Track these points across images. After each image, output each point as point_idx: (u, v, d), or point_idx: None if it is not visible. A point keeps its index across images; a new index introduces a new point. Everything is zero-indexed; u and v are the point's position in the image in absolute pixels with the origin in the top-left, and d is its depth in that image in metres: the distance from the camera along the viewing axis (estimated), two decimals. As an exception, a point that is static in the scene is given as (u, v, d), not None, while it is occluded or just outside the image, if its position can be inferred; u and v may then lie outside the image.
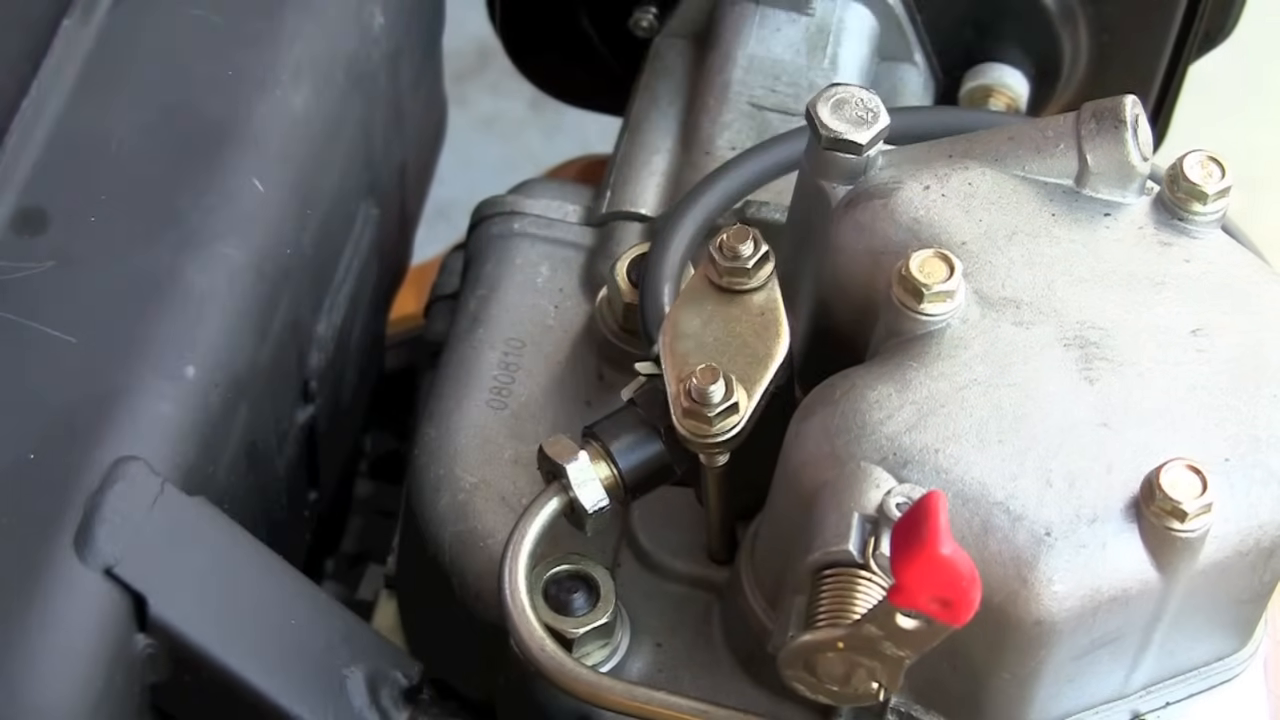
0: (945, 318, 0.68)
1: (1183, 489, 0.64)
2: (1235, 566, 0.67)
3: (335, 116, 0.85)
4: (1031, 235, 0.71)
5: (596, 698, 0.69)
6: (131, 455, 0.69)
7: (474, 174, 0.82)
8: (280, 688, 0.69)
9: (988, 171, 0.72)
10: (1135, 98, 0.73)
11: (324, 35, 0.85)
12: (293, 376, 0.84)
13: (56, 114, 0.78)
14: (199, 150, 0.79)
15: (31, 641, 0.65)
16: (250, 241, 0.78)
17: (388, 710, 0.72)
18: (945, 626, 0.60)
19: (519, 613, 0.69)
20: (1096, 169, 0.72)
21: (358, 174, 0.89)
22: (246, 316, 0.78)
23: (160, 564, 0.68)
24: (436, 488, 0.79)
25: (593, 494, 0.70)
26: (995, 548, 0.64)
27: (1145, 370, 0.68)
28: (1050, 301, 0.69)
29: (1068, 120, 0.73)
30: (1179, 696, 0.71)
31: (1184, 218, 0.72)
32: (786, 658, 0.64)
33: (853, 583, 0.63)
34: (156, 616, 0.68)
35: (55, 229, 0.75)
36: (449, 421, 0.81)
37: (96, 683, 0.66)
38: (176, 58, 0.81)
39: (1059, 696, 0.68)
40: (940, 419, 0.66)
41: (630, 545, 0.75)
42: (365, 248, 0.90)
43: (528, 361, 0.82)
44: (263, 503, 0.82)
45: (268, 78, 0.82)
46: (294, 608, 0.72)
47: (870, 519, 0.64)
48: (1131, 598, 0.65)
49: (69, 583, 0.66)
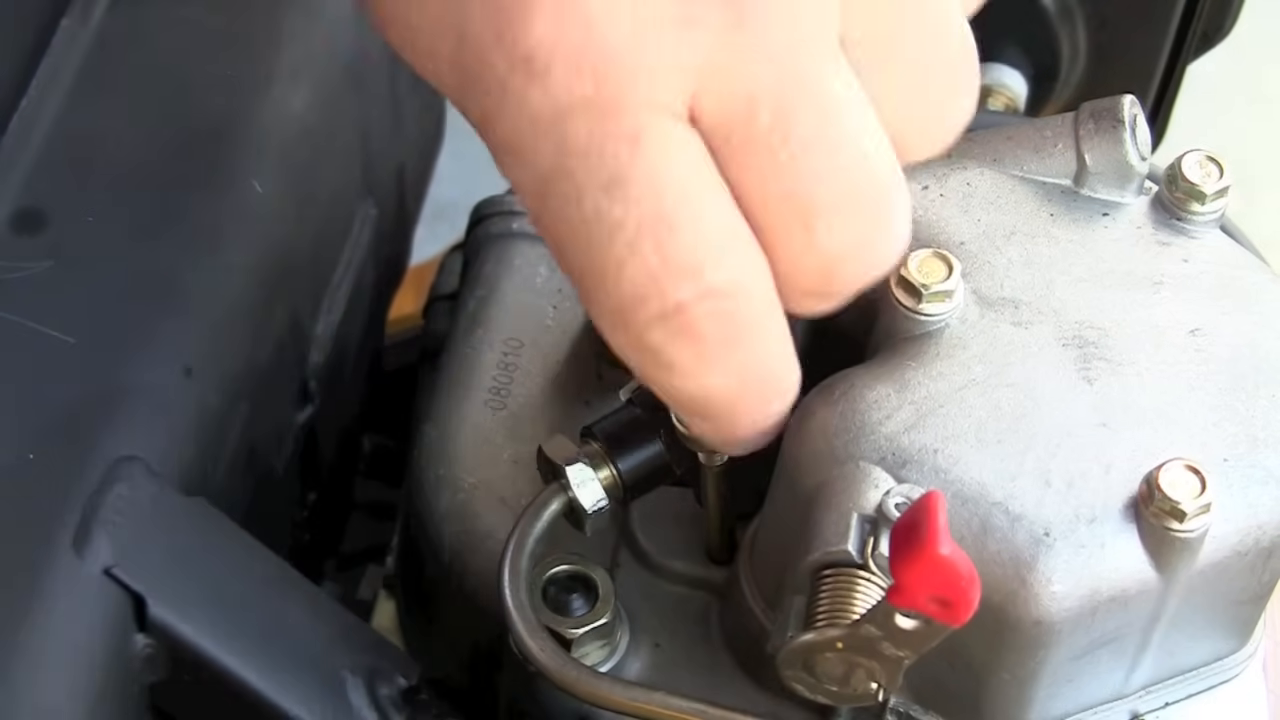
0: (944, 317, 0.68)
1: (1181, 489, 0.64)
2: (1234, 567, 0.67)
3: (334, 117, 0.85)
4: (1030, 235, 0.71)
5: (595, 698, 0.69)
6: (131, 455, 0.70)
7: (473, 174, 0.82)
8: (279, 688, 0.69)
9: (986, 171, 0.72)
10: (1134, 97, 0.73)
11: (323, 35, 0.85)
12: (291, 376, 0.84)
13: (55, 114, 0.78)
14: (197, 150, 0.79)
15: (30, 641, 0.65)
16: (248, 241, 0.78)
17: (386, 710, 0.72)
18: (944, 627, 0.60)
19: (518, 613, 0.69)
20: (1095, 169, 0.72)
21: (356, 174, 0.89)
22: (245, 317, 0.78)
23: (159, 564, 0.68)
24: (436, 488, 0.79)
25: (592, 494, 0.70)
26: (994, 548, 0.64)
27: (1144, 370, 0.68)
28: (1049, 301, 0.69)
29: (1066, 120, 0.73)
30: (1178, 696, 0.71)
31: (1182, 217, 0.72)
32: (785, 658, 0.64)
33: (851, 583, 0.64)
34: (155, 616, 0.68)
35: (53, 229, 0.75)
36: (448, 422, 0.81)
37: (95, 682, 0.66)
38: (175, 58, 0.81)
39: (1058, 696, 0.68)
40: (939, 419, 0.66)
41: (629, 545, 0.75)
42: (364, 248, 0.90)
43: (526, 362, 0.82)
44: (262, 503, 0.82)
45: (266, 78, 0.82)
46: (293, 608, 0.72)
47: (869, 519, 0.64)
48: (1130, 598, 0.65)
49: (68, 582, 0.66)
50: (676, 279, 0.57)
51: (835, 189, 0.58)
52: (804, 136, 0.57)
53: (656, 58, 0.56)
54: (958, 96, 0.61)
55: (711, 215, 0.58)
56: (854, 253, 0.59)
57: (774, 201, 0.58)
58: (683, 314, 0.58)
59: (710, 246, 0.58)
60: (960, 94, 0.61)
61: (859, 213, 0.58)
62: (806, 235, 0.58)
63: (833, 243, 0.58)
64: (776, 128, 0.57)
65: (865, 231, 0.59)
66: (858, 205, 0.58)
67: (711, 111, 0.57)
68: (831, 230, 0.58)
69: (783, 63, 0.57)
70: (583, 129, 0.56)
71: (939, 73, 0.61)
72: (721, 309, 0.58)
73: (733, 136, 0.57)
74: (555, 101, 0.56)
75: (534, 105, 0.57)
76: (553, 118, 0.57)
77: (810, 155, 0.57)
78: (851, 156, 0.58)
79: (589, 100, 0.56)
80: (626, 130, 0.56)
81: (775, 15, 0.56)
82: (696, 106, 0.57)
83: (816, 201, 0.58)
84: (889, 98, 0.59)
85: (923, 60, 0.60)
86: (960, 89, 0.61)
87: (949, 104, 0.61)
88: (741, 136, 0.57)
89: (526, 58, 0.56)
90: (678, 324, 0.58)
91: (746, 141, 0.57)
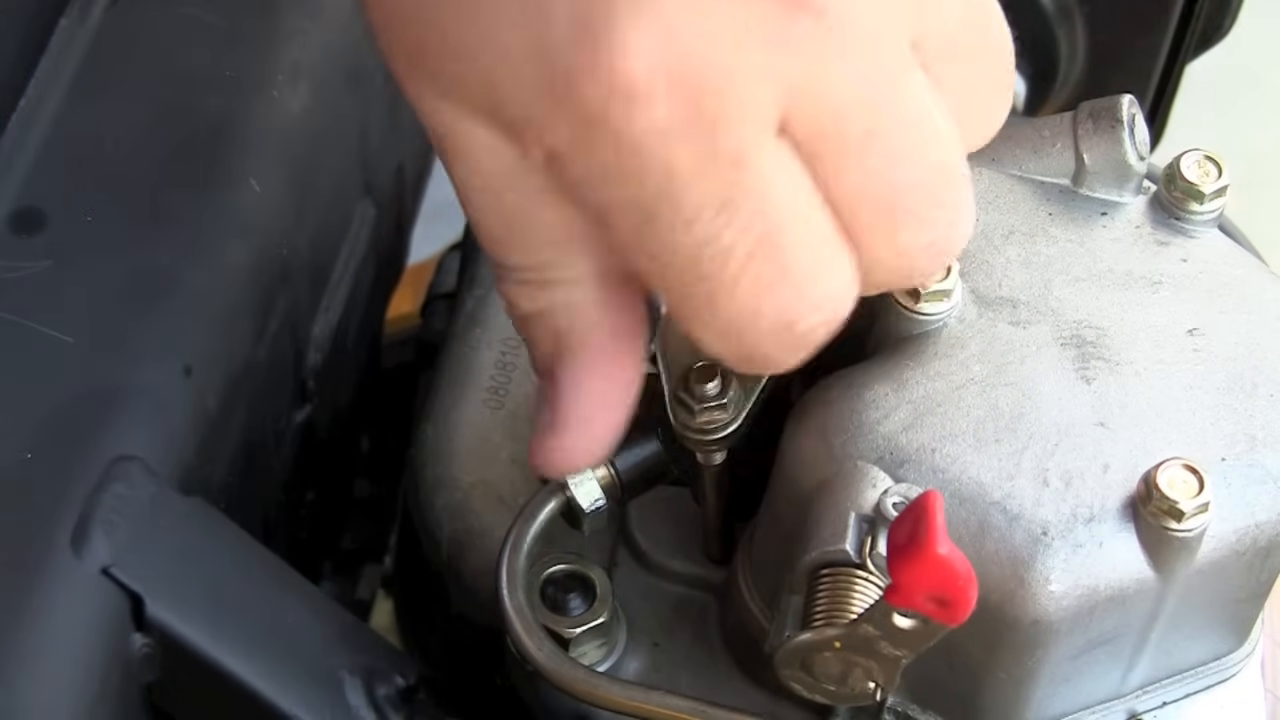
0: (942, 317, 0.68)
1: (1180, 488, 0.64)
2: (1232, 566, 0.67)
3: (332, 116, 0.85)
4: (1028, 235, 0.71)
5: (594, 697, 0.69)
6: (129, 455, 0.69)
7: (472, 174, 0.82)
8: (277, 687, 0.69)
9: (984, 171, 0.73)
10: (1132, 97, 0.73)
11: (321, 35, 0.85)
12: (290, 376, 0.84)
13: (54, 113, 0.78)
14: (196, 150, 0.79)
15: (28, 640, 0.65)
16: (247, 241, 0.78)
17: (384, 710, 0.71)
18: (942, 626, 0.60)
19: (516, 612, 0.69)
20: (1093, 168, 0.72)
21: (355, 174, 0.89)
22: (243, 316, 0.78)
23: (157, 564, 0.68)
24: (434, 487, 0.79)
25: (590, 493, 0.70)
26: (992, 547, 0.64)
27: (1142, 369, 0.68)
28: (1047, 301, 0.69)
29: (1065, 120, 0.73)
30: (1176, 696, 0.71)
31: (1181, 217, 0.72)
32: (783, 657, 0.64)
33: (849, 582, 0.63)
34: (153, 616, 0.68)
35: (52, 228, 0.75)
36: (446, 421, 0.81)
37: (93, 682, 0.66)
38: (174, 57, 0.81)
39: (1056, 696, 0.68)
40: (937, 418, 0.66)
41: (627, 545, 0.75)
42: (362, 247, 0.90)
43: (524, 361, 0.82)
44: (260, 502, 0.82)
45: (265, 77, 0.82)
46: (291, 607, 0.72)
47: (867, 518, 0.64)
48: (1128, 597, 0.65)
49: (66, 582, 0.66)
50: (789, 295, 0.59)
51: (922, 192, 0.59)
52: (892, 144, 0.58)
53: (752, 75, 0.56)
54: (1003, 89, 0.63)
55: (815, 228, 0.59)
56: (935, 248, 0.61)
57: (865, 205, 0.59)
58: (795, 327, 0.60)
59: (816, 260, 0.59)
60: (1005, 87, 0.63)
61: (942, 212, 0.60)
62: (893, 234, 0.60)
63: (919, 241, 0.60)
64: (867, 137, 0.58)
65: (946, 228, 0.61)
66: (941, 205, 0.60)
67: (804, 123, 0.58)
68: (920, 230, 0.60)
69: (869, 73, 0.58)
70: (688, 153, 0.56)
71: (989, 67, 0.62)
72: (827, 319, 0.60)
73: (825, 146, 0.58)
74: (659, 127, 0.56)
75: (636, 133, 0.56)
76: (656, 143, 0.56)
77: (898, 161, 0.59)
78: (934, 160, 0.60)
79: (692, 123, 0.56)
80: (731, 151, 0.57)
81: (859, 26, 0.57)
82: (788, 118, 0.57)
83: (905, 204, 0.59)
84: (951, 94, 0.61)
85: (977, 56, 0.62)
86: (1005, 82, 0.63)
87: (997, 96, 0.63)
88: (834, 146, 0.58)
89: (628, 85, 0.56)
90: (791, 337, 0.60)
91: (839, 151, 0.58)
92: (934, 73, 0.60)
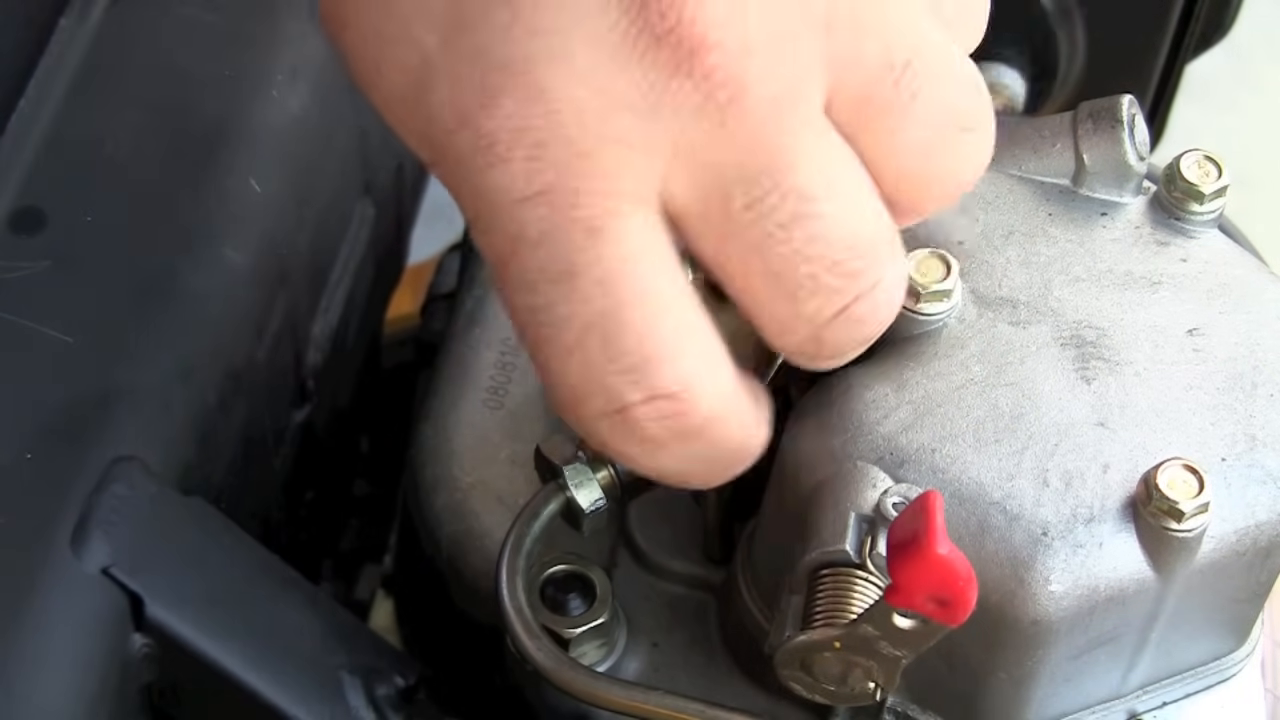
0: (942, 317, 0.68)
1: (1179, 489, 0.64)
2: (1232, 566, 0.67)
3: (332, 116, 0.85)
4: (1028, 235, 0.71)
5: (593, 697, 0.69)
6: (128, 455, 0.69)
7: (471, 174, 0.82)
8: (276, 687, 0.69)
9: (984, 171, 0.73)
10: (1132, 97, 0.73)
11: (321, 35, 0.85)
12: (289, 376, 0.84)
13: (53, 113, 0.78)
14: (196, 150, 0.79)
15: (28, 641, 0.65)
16: (247, 241, 0.78)
17: (384, 710, 0.71)
18: (942, 626, 0.60)
19: (515, 613, 0.69)
20: (1093, 168, 0.72)
21: (354, 174, 0.89)
22: (243, 316, 0.78)
23: (157, 564, 0.68)
24: (433, 487, 0.79)
25: (589, 494, 0.70)
26: (992, 547, 0.64)
27: (1142, 370, 0.68)
28: (1047, 301, 0.69)
29: (1064, 120, 0.73)
30: (1176, 696, 0.71)
31: (1180, 217, 0.72)
32: (783, 657, 0.64)
33: (849, 582, 0.63)
34: (153, 616, 0.68)
35: (52, 228, 0.75)
36: (446, 421, 0.81)
37: (93, 682, 0.66)
38: (173, 57, 0.81)
39: (1056, 696, 0.68)
40: (937, 419, 0.66)
41: (627, 545, 0.75)
42: (362, 247, 0.90)
43: (524, 361, 0.82)
44: (259, 503, 0.82)
45: (264, 77, 0.82)
46: (291, 607, 0.72)
47: (867, 519, 0.64)
48: (1128, 597, 0.65)
49: (66, 582, 0.66)
50: (621, 380, 0.56)
51: (818, 264, 0.56)
52: (780, 216, 0.55)
53: (622, 145, 0.54)
54: (963, 145, 0.59)
55: (665, 313, 0.56)
56: (843, 322, 0.57)
57: (754, 278, 0.56)
58: (627, 415, 0.56)
59: (660, 347, 0.56)
60: (966, 141, 0.59)
61: (845, 284, 0.56)
62: (791, 307, 0.56)
63: (821, 314, 0.57)
64: (751, 208, 0.55)
65: (853, 301, 0.57)
66: (844, 277, 0.56)
67: (682, 194, 0.55)
68: (817, 303, 0.56)
69: (755, 141, 0.54)
70: (539, 218, 0.54)
71: (940, 124, 0.58)
72: (668, 411, 0.56)
73: (706, 218, 0.55)
74: (515, 188, 0.55)
75: (494, 189, 0.55)
76: (512, 204, 0.55)
77: (788, 234, 0.55)
78: (834, 229, 0.56)
79: (549, 189, 0.54)
80: (584, 222, 0.54)
81: (753, 90, 0.54)
82: (666, 189, 0.55)
83: (798, 277, 0.56)
84: (889, 156, 0.57)
85: (921, 114, 0.57)
86: (964, 138, 0.58)
87: (954, 153, 0.58)
88: (716, 218, 0.55)
89: (489, 143, 0.54)
90: (622, 423, 0.57)
91: (721, 223, 0.55)
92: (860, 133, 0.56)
